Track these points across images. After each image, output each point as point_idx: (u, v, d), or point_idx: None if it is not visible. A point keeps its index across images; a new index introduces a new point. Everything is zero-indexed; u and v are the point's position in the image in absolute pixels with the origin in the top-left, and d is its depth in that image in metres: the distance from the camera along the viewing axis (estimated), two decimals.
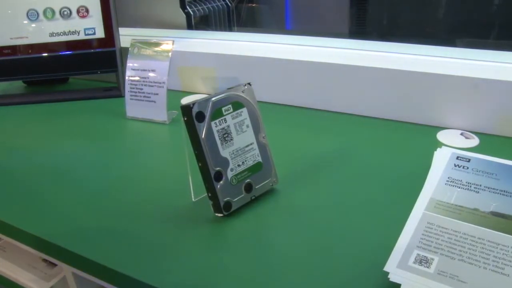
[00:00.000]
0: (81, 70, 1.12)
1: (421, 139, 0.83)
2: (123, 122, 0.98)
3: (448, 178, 0.62)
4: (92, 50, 1.09)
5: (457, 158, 0.67)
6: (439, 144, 0.79)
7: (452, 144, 0.79)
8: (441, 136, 0.83)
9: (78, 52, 1.09)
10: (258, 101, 0.66)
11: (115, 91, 1.14)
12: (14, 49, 1.08)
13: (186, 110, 0.58)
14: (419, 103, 0.88)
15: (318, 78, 0.97)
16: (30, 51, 1.09)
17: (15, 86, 1.29)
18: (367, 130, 0.88)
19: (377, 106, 0.93)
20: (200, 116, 0.59)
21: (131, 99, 0.98)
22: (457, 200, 0.58)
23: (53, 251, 0.61)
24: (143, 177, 0.74)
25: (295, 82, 1.00)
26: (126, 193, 0.70)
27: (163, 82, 0.94)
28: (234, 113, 0.63)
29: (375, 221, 0.61)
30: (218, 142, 0.61)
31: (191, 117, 0.58)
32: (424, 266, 0.49)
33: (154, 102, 0.95)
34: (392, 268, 0.49)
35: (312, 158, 0.78)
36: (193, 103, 0.59)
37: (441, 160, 0.67)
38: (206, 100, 0.60)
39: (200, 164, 0.60)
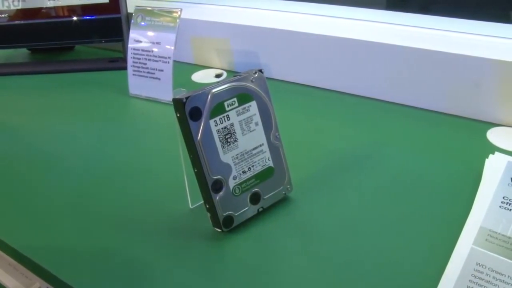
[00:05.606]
0: (83, 39, 1.02)
1: (467, 137, 0.69)
2: (125, 100, 0.88)
3: (504, 198, 0.50)
4: (95, 17, 0.98)
5: None
6: (490, 147, 0.66)
7: (505, 146, 0.65)
8: (492, 135, 0.69)
9: (79, 18, 0.98)
10: (278, 80, 0.54)
11: (121, 62, 1.03)
12: (10, 13, 0.98)
13: (178, 105, 0.47)
14: (466, 92, 0.74)
15: (348, 57, 0.84)
16: (27, 15, 0.98)
17: (20, 53, 1.20)
18: (402, 122, 0.75)
19: (416, 93, 0.79)
20: (196, 113, 0.48)
21: (133, 74, 0.87)
22: None
23: (23, 261, 0.52)
24: (136, 173, 0.64)
25: (321, 60, 0.87)
26: (114, 194, 0.60)
27: (169, 57, 0.82)
28: (240, 108, 0.51)
29: (409, 251, 0.49)
30: (218, 144, 0.49)
31: (184, 114, 0.47)
32: None
33: (159, 79, 0.84)
34: None
35: (335, 158, 0.66)
36: (187, 97, 0.47)
37: (493, 172, 0.55)
38: (204, 93, 0.48)
39: (195, 170, 0.49)
